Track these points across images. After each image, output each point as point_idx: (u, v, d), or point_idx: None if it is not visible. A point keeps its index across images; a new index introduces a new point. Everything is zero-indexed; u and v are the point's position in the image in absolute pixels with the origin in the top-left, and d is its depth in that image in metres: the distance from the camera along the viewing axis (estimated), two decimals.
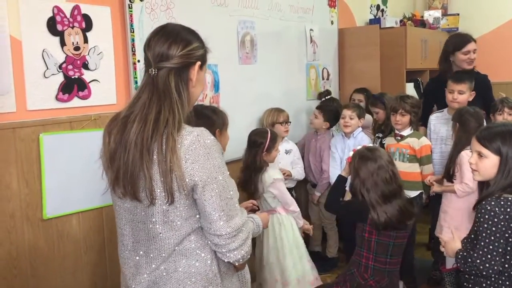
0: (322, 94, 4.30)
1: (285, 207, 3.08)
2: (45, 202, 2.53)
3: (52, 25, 2.51)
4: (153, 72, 1.48)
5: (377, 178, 2.26)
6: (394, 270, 2.30)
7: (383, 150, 2.38)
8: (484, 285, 1.92)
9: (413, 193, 3.36)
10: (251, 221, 1.79)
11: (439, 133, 3.53)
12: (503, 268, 1.87)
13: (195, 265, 1.55)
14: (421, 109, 3.55)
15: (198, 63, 1.53)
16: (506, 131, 1.98)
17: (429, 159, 3.37)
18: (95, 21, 2.69)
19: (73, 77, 2.62)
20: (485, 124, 3.16)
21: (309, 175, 3.92)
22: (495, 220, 1.84)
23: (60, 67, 2.56)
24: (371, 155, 2.31)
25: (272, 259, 3.05)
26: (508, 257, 1.87)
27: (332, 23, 4.66)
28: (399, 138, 3.43)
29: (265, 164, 3.04)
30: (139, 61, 2.90)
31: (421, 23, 5.50)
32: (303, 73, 4.29)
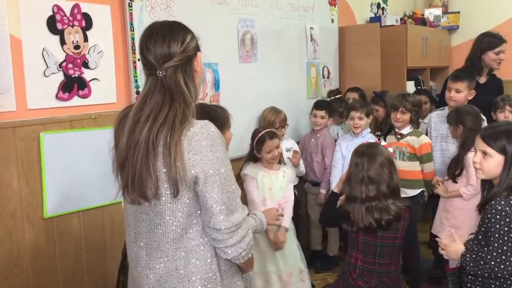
0: (332, 92, 4.26)
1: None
2: (46, 201, 2.52)
3: (52, 24, 2.51)
4: (161, 74, 1.49)
5: (377, 174, 2.21)
6: (385, 271, 2.24)
7: (383, 147, 2.34)
8: (493, 286, 1.90)
9: (414, 192, 3.36)
10: (252, 218, 1.78)
11: (439, 130, 3.53)
12: None
13: (195, 263, 1.55)
14: (421, 108, 3.55)
15: (198, 53, 1.57)
16: (510, 130, 1.96)
17: (429, 157, 3.36)
18: (95, 19, 2.68)
19: (73, 76, 2.62)
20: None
21: (309, 174, 3.90)
22: (507, 220, 1.82)
23: (60, 66, 2.56)
24: (371, 151, 2.27)
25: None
26: None
27: (332, 21, 4.66)
28: (399, 136, 3.42)
29: (250, 159, 3.08)
30: (139, 60, 2.87)
31: (422, 21, 5.50)
32: (303, 71, 4.29)
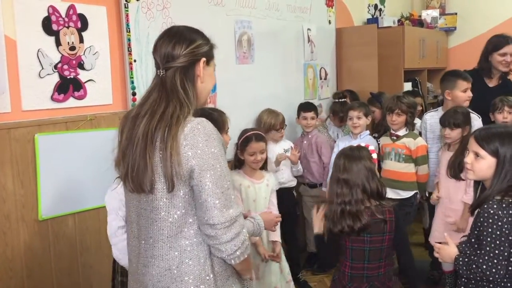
0: (337, 94, 4.25)
1: None
2: (41, 203, 2.51)
3: (47, 25, 2.50)
4: (162, 73, 1.56)
5: (353, 178, 2.20)
6: (374, 275, 2.23)
7: (369, 152, 2.32)
8: None
9: (407, 194, 3.36)
10: (250, 222, 1.77)
11: (435, 131, 3.52)
12: (507, 271, 1.83)
13: (188, 263, 1.54)
14: (416, 110, 3.54)
15: (203, 59, 1.60)
16: (505, 133, 1.94)
17: (424, 160, 3.35)
18: (90, 20, 2.67)
19: (68, 77, 2.61)
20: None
21: (307, 176, 3.86)
22: (499, 223, 1.80)
23: (55, 67, 2.55)
24: (353, 154, 2.26)
25: None
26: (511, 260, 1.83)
27: (329, 22, 4.65)
28: (395, 138, 3.41)
29: (235, 165, 2.97)
30: (135, 61, 2.88)
31: (419, 23, 5.50)
32: (300, 73, 4.28)
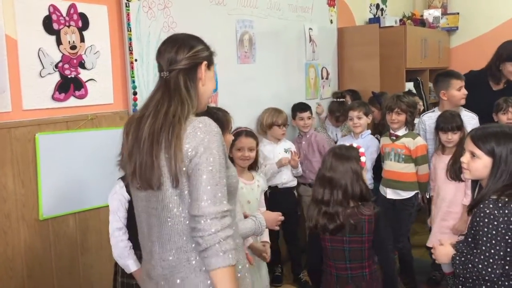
0: (336, 94, 4.22)
1: None
2: (41, 202, 2.51)
3: (48, 24, 2.49)
4: (166, 74, 1.63)
5: (336, 177, 2.20)
6: (358, 275, 2.22)
7: (358, 155, 2.31)
8: (484, 287, 1.89)
9: (408, 194, 3.34)
10: (252, 221, 1.75)
11: (434, 132, 3.51)
12: (503, 270, 1.84)
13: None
14: (416, 109, 3.52)
15: (204, 62, 1.67)
16: (500, 133, 1.93)
17: (424, 159, 3.33)
18: (91, 20, 2.67)
19: (69, 77, 2.60)
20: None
21: (309, 176, 3.80)
22: (495, 223, 1.81)
23: (56, 66, 2.54)
24: (342, 154, 2.25)
25: None
26: (508, 259, 1.83)
27: (331, 22, 4.64)
28: (394, 138, 3.39)
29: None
30: (136, 60, 2.88)
31: (421, 22, 5.48)
32: (302, 72, 4.27)
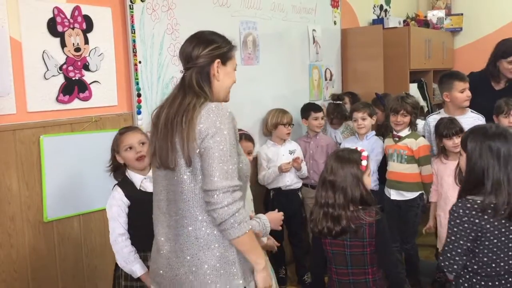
0: (334, 96, 4.23)
1: None
2: (46, 204, 2.51)
3: (52, 26, 2.50)
4: (183, 72, 1.76)
5: (339, 181, 2.16)
6: (361, 281, 2.19)
7: (359, 154, 2.28)
8: (477, 286, 1.90)
9: (412, 195, 3.32)
10: (256, 222, 1.76)
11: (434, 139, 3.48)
12: (470, 265, 1.90)
13: (214, 233, 1.65)
14: (419, 110, 3.51)
15: (217, 60, 1.73)
16: (475, 129, 1.94)
17: (427, 160, 3.29)
18: (95, 22, 2.67)
19: (73, 79, 2.60)
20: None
21: (313, 177, 3.78)
22: (457, 221, 1.86)
23: (60, 69, 2.54)
24: (345, 157, 2.21)
25: None
26: (481, 255, 1.87)
27: (335, 23, 4.63)
28: (397, 139, 3.36)
29: None
30: (140, 62, 2.88)
31: (425, 23, 5.46)
32: (305, 73, 4.26)
